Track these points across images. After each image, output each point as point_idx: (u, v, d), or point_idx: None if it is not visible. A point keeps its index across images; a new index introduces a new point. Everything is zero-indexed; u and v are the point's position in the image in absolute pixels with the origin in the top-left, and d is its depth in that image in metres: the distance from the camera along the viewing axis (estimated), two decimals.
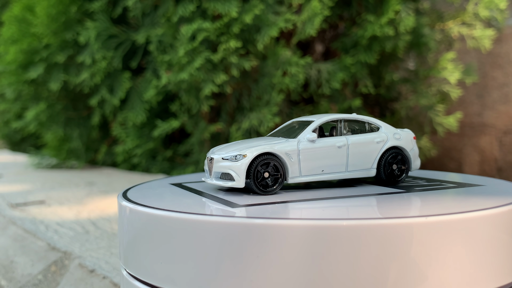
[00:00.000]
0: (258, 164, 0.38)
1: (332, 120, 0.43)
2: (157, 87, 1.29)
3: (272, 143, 0.40)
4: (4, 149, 2.92)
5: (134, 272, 0.35)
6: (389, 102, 1.38)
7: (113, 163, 1.71)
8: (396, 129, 0.44)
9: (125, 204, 0.36)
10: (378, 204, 0.34)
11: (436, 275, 0.28)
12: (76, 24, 1.45)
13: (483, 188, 0.39)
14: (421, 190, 0.39)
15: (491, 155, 1.39)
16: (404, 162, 0.43)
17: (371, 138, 0.42)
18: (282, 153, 0.39)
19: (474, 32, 1.24)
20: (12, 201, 1.03)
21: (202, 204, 0.35)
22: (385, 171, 0.42)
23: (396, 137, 0.43)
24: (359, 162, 0.42)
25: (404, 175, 0.43)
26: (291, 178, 0.40)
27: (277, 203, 0.35)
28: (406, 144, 0.43)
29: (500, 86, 1.36)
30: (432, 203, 0.33)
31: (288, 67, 1.13)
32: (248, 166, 0.38)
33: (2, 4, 2.43)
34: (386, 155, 0.42)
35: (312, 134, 0.40)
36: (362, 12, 1.24)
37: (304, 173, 0.40)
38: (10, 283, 0.66)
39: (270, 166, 0.39)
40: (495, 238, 0.30)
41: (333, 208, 0.34)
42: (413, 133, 0.44)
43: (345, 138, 0.42)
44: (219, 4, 1.14)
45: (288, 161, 0.39)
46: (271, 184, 0.39)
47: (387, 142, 0.42)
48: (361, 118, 0.43)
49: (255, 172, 0.38)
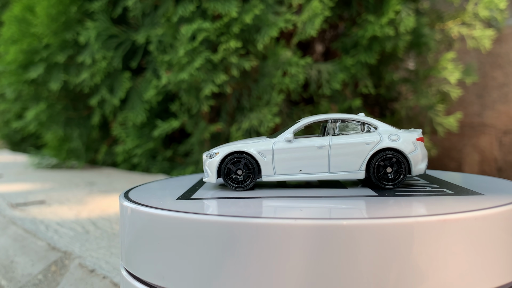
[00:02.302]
0: (229, 161, 0.41)
1: (322, 120, 0.42)
2: (157, 87, 1.29)
3: (251, 142, 0.42)
4: (4, 149, 2.92)
5: (135, 272, 0.35)
6: (389, 102, 1.38)
7: (113, 163, 1.71)
8: (398, 130, 0.41)
9: (127, 204, 0.36)
10: (369, 205, 0.34)
11: (436, 274, 0.28)
12: (76, 24, 1.45)
13: (484, 190, 0.39)
14: (404, 195, 0.37)
15: (491, 155, 1.39)
16: (401, 165, 0.40)
17: (360, 139, 0.40)
18: (254, 152, 0.41)
19: (474, 32, 1.24)
20: (12, 201, 1.03)
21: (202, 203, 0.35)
22: (374, 173, 0.40)
23: (392, 139, 0.40)
24: (344, 163, 0.40)
25: (400, 179, 0.40)
26: (265, 176, 0.41)
27: (247, 198, 0.36)
28: (405, 146, 0.40)
29: (500, 86, 1.37)
30: (433, 203, 0.33)
31: (288, 67, 1.13)
32: (220, 164, 0.41)
33: (2, 4, 2.42)
34: (376, 157, 0.40)
35: (290, 134, 0.41)
36: (362, 12, 1.24)
37: (279, 172, 0.41)
38: (10, 283, 0.66)
39: (241, 164, 0.41)
40: (495, 237, 0.30)
41: (312, 208, 0.34)
42: (418, 135, 0.41)
43: (328, 138, 0.41)
44: (219, 4, 1.14)
45: (261, 160, 0.41)
46: (241, 181, 0.41)
47: (378, 144, 0.40)
48: (357, 118, 0.42)
49: (225, 169, 0.41)
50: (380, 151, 0.40)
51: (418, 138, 0.41)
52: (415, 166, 0.40)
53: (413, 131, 0.42)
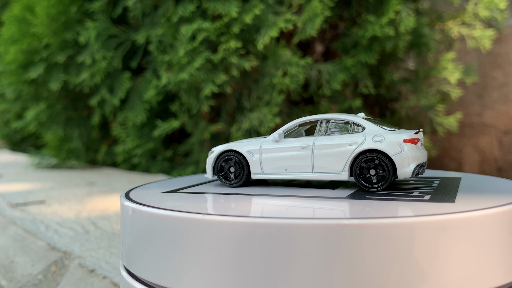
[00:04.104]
0: (221, 159, 0.44)
1: (312, 121, 0.42)
2: (157, 87, 1.29)
3: (246, 142, 0.44)
4: (4, 149, 2.92)
5: (136, 272, 0.35)
6: (389, 102, 1.38)
7: (113, 163, 1.71)
8: (387, 131, 0.39)
9: (128, 204, 0.36)
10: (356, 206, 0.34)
11: (436, 274, 0.28)
12: (76, 24, 1.45)
13: (483, 187, 0.39)
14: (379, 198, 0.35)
15: (491, 155, 1.39)
16: (384, 168, 0.38)
17: (343, 140, 0.39)
18: (244, 151, 0.43)
19: (474, 32, 1.24)
20: (12, 201, 1.03)
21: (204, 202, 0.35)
22: (356, 175, 0.39)
23: (375, 140, 0.38)
24: (327, 164, 0.40)
25: (383, 183, 0.38)
26: (253, 174, 0.43)
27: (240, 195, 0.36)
28: (390, 147, 0.38)
29: (500, 86, 1.37)
30: (433, 202, 0.33)
31: (289, 68, 1.13)
32: (215, 161, 0.44)
33: (2, 4, 2.43)
34: (359, 158, 0.39)
35: (277, 134, 0.42)
36: (362, 12, 1.24)
37: (266, 171, 0.42)
38: (10, 283, 0.66)
39: (232, 161, 0.43)
40: (495, 237, 0.30)
41: (298, 207, 0.34)
42: (408, 136, 0.38)
43: (313, 139, 0.41)
44: (219, 4, 1.14)
45: (250, 158, 0.43)
46: (232, 178, 0.43)
47: (361, 145, 0.39)
48: (345, 118, 0.41)
49: (218, 166, 0.44)
50: (363, 152, 0.39)
51: (406, 139, 0.38)
52: (400, 169, 0.38)
53: (404, 132, 0.40)
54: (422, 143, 0.41)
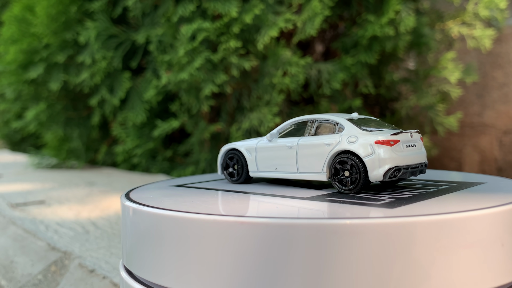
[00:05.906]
0: (226, 157, 0.46)
1: (303, 121, 0.42)
2: (157, 87, 1.29)
3: (247, 141, 0.45)
4: (4, 149, 2.92)
5: (137, 272, 0.35)
6: (389, 102, 1.38)
7: (113, 163, 1.70)
8: (362, 132, 0.38)
9: (129, 204, 0.36)
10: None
11: (436, 274, 0.28)
12: (76, 24, 1.45)
13: (484, 186, 0.39)
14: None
15: (491, 155, 1.39)
16: (357, 170, 0.37)
17: (321, 141, 0.39)
18: (243, 149, 0.45)
19: (474, 32, 1.24)
20: (12, 201, 1.03)
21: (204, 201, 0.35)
22: (332, 176, 0.38)
23: (349, 141, 0.38)
24: (308, 164, 0.40)
25: (355, 185, 0.37)
26: (251, 172, 0.44)
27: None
28: (361, 149, 0.37)
29: (500, 86, 1.36)
30: (433, 202, 0.33)
31: (288, 67, 1.13)
32: (222, 158, 0.47)
33: (2, 4, 2.42)
34: (334, 159, 0.38)
35: (269, 134, 0.43)
36: (362, 12, 1.24)
37: (261, 169, 0.44)
38: (10, 283, 0.66)
39: (234, 160, 0.46)
40: (495, 237, 0.30)
41: (286, 207, 0.34)
42: (384, 137, 0.37)
43: (297, 139, 0.41)
44: (219, 4, 1.14)
45: (248, 157, 0.44)
46: (235, 174, 0.45)
47: (336, 146, 0.38)
48: (331, 119, 0.40)
49: (223, 163, 0.47)
50: (338, 154, 0.38)
51: (378, 140, 0.37)
52: (371, 171, 0.36)
53: (384, 132, 0.38)
54: (412, 145, 0.39)
